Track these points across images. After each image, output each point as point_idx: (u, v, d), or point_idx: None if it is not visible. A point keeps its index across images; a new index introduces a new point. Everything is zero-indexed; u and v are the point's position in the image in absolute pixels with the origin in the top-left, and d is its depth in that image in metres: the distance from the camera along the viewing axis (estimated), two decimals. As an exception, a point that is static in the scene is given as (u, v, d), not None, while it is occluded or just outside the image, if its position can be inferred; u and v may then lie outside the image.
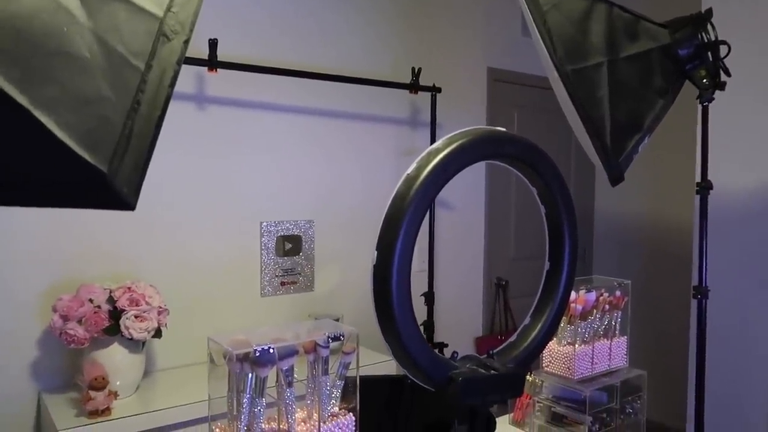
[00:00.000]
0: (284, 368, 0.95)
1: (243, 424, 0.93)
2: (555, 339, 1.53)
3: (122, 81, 0.72)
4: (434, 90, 2.87)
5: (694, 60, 1.51)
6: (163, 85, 0.75)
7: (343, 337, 1.01)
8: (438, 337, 2.96)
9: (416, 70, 2.78)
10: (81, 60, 0.69)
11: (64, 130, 0.65)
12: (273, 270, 2.60)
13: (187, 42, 0.79)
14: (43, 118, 0.64)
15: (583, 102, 1.36)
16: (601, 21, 1.44)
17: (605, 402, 1.52)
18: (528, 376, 1.57)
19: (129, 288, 1.98)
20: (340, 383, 1.04)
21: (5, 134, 0.64)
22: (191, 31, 0.80)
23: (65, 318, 1.87)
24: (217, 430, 0.98)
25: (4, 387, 2.02)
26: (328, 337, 1.00)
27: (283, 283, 2.63)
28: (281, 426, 0.97)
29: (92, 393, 1.82)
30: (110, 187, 0.67)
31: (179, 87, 2.30)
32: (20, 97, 0.63)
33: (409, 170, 1.01)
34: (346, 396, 1.05)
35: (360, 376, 1.05)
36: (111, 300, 1.95)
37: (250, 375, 0.92)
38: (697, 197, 1.65)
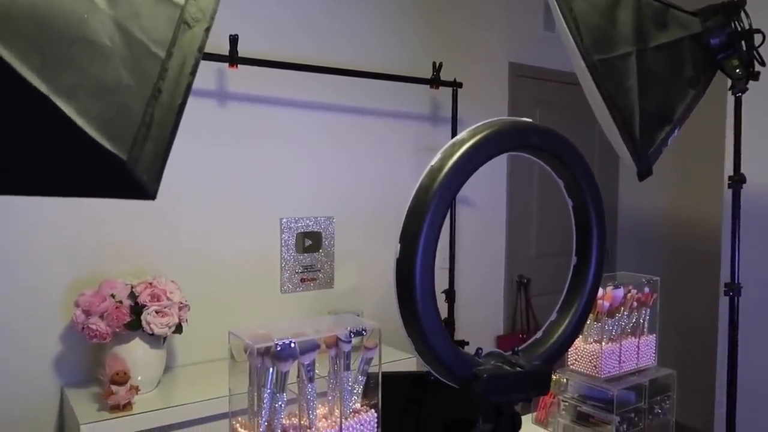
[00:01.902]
0: (305, 363, 0.94)
1: (263, 419, 0.92)
2: (581, 337, 1.50)
3: (143, 69, 0.71)
4: (455, 85, 2.84)
5: (726, 49, 1.46)
6: (184, 73, 0.74)
7: (365, 332, 0.99)
8: (459, 336, 2.93)
9: (437, 65, 2.75)
10: (101, 47, 0.68)
11: (84, 117, 0.64)
12: (293, 267, 2.59)
13: (208, 30, 0.78)
14: (63, 106, 0.63)
15: (610, 93, 1.32)
16: (630, 10, 1.40)
17: (633, 402, 1.48)
18: (552, 375, 1.54)
19: (150, 283, 1.99)
20: (362, 379, 1.02)
21: (25, 122, 0.63)
22: (212, 18, 0.79)
23: (87, 313, 1.88)
24: (238, 425, 0.97)
25: (28, 382, 2.04)
26: (350, 331, 0.98)
27: (303, 280, 2.62)
28: (302, 422, 0.95)
29: (114, 388, 1.83)
30: (130, 175, 0.66)
31: (200, 83, 2.32)
32: (40, 84, 0.62)
33: (433, 162, 0.99)
34: (367, 392, 1.03)
35: (382, 373, 1.03)
36: (132, 295, 1.96)
37: (271, 369, 0.91)
38: (729, 191, 1.60)
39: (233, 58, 2.18)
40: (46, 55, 0.62)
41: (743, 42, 1.47)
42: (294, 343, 0.91)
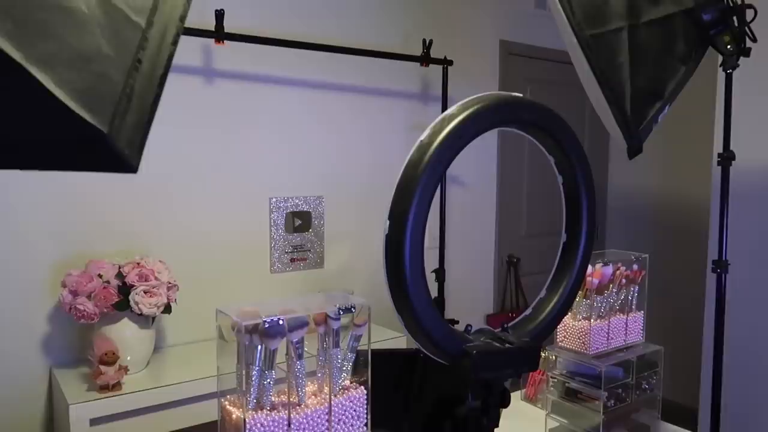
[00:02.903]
0: (294, 340, 0.93)
1: (252, 396, 0.91)
2: (570, 314, 1.50)
3: (123, 38, 0.68)
4: (446, 63, 2.81)
5: (718, 25, 1.45)
6: (165, 42, 0.71)
7: (354, 309, 0.99)
8: (449, 315, 2.94)
9: (427, 42, 2.72)
10: (78, 15, 0.65)
11: (62, 88, 0.62)
12: (283, 246, 2.58)
13: (190, -2, 0.75)
14: (40, 76, 0.61)
15: (602, 68, 1.31)
16: (622, -16, 1.38)
17: (621, 377, 1.49)
18: (542, 352, 1.55)
19: (138, 263, 1.97)
20: (351, 356, 1.01)
21: (1, 93, 0.61)
22: (194, -14, 0.76)
23: (75, 293, 1.86)
24: (227, 403, 0.97)
25: (16, 362, 2.02)
26: (339, 309, 0.97)
27: (293, 260, 2.61)
28: (291, 399, 0.95)
29: (103, 368, 1.82)
30: (111, 147, 0.64)
31: (186, 60, 2.28)
32: (14, 52, 0.59)
33: (423, 137, 0.97)
34: (357, 369, 1.03)
35: (372, 350, 1.02)
36: (120, 275, 1.94)
37: (259, 347, 0.90)
38: (718, 168, 1.60)
39: (219, 34, 2.14)
40: (19, 21, 0.60)
41: (735, 17, 1.46)
42: (282, 320, 0.90)
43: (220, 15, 2.13)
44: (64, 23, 0.64)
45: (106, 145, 0.63)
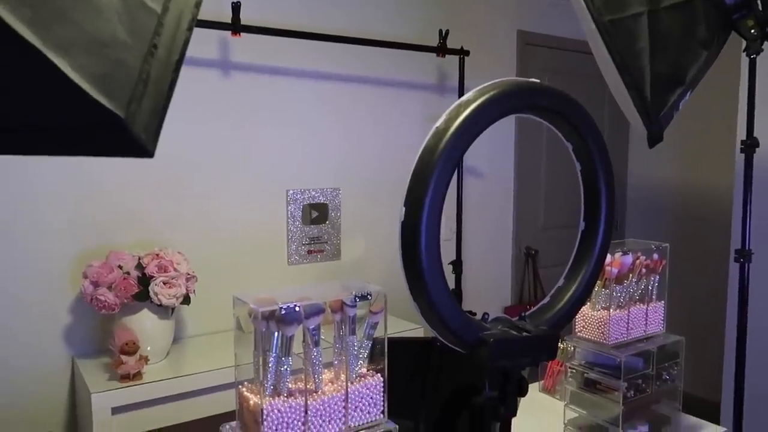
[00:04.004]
0: (311, 327, 0.93)
1: (269, 383, 0.92)
2: (589, 304, 1.49)
3: (138, 24, 0.69)
4: (462, 53, 2.79)
5: (741, 9, 1.42)
6: (180, 28, 0.72)
7: (370, 296, 0.98)
8: (466, 306, 2.93)
9: (443, 33, 2.70)
10: (95, 1, 0.66)
11: (79, 73, 0.62)
12: (300, 238, 2.59)
13: (205, -16, 0.75)
14: (57, 60, 0.61)
15: (621, 54, 1.28)
16: (642, -32, 1.35)
17: (641, 368, 1.47)
18: (560, 342, 1.53)
19: (157, 255, 1.99)
20: (367, 344, 1.01)
21: (17, 77, 0.62)
22: (209, -28, 0.76)
23: (95, 284, 1.89)
24: (244, 389, 0.97)
25: (39, 353, 2.06)
26: (356, 296, 0.97)
27: (310, 252, 2.62)
28: (308, 385, 0.95)
29: (124, 357, 1.85)
30: (128, 132, 0.64)
31: (203, 53, 2.29)
32: (32, 37, 0.60)
33: (439, 123, 0.97)
34: (373, 357, 1.03)
35: (388, 337, 1.02)
36: (140, 266, 1.96)
37: (276, 334, 0.90)
38: (742, 156, 1.57)
39: (236, 26, 2.14)
40: (38, 7, 0.60)
41: (760, 1, 1.43)
42: (299, 306, 0.90)
43: (236, 7, 2.13)
44: (82, 9, 0.65)
45: (122, 129, 0.63)
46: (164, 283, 1.94)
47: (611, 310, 1.45)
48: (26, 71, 0.62)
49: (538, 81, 1.06)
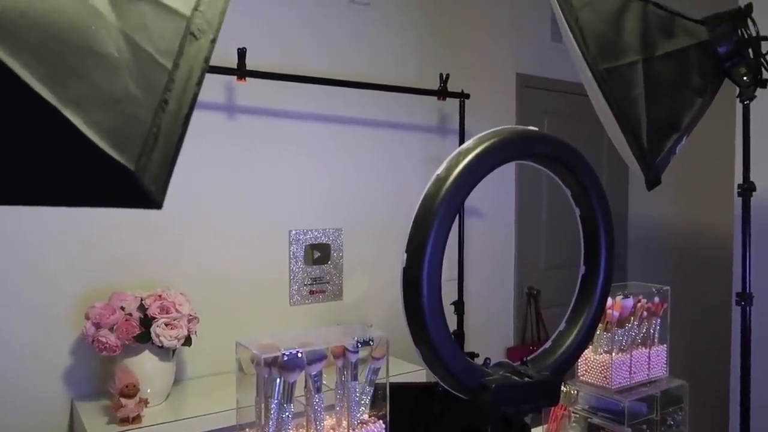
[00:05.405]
0: (313, 373, 0.93)
1: (271, 429, 0.92)
2: (591, 347, 1.48)
3: (150, 79, 0.71)
4: (462, 96, 2.84)
5: (733, 57, 1.46)
6: (190, 83, 0.74)
7: (372, 341, 0.99)
8: (468, 347, 2.91)
9: (444, 77, 2.76)
10: (109, 58, 0.68)
11: (92, 128, 0.65)
12: (302, 279, 2.59)
13: (214, 41, 0.78)
14: (71, 116, 0.64)
15: (618, 101, 1.32)
16: (636, 19, 1.40)
17: (645, 413, 1.46)
18: (563, 386, 1.52)
19: (160, 296, 1.99)
20: (369, 389, 1.01)
21: (33, 133, 0.64)
22: (218, 30, 0.80)
23: (98, 325, 1.89)
24: (246, 436, 0.97)
25: (38, 394, 2.04)
26: (358, 341, 0.97)
27: (311, 292, 2.62)
28: (310, 432, 0.95)
29: (123, 400, 1.83)
30: (138, 185, 0.66)
31: (208, 96, 2.34)
32: (48, 95, 0.62)
33: (439, 171, 0.99)
34: (375, 403, 1.02)
35: (390, 383, 1.02)
36: (142, 308, 1.96)
37: (278, 380, 0.91)
38: (739, 200, 1.59)
39: (241, 72, 2.20)
40: (54, 65, 0.63)
41: (750, 50, 1.47)
42: (301, 353, 0.91)
43: (242, 53, 2.19)
44: (96, 66, 0.67)
45: (133, 182, 0.65)
46: (166, 325, 1.94)
47: (614, 354, 1.44)
48: (40, 126, 0.64)
49: (536, 129, 1.08)
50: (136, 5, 0.71)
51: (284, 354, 0.89)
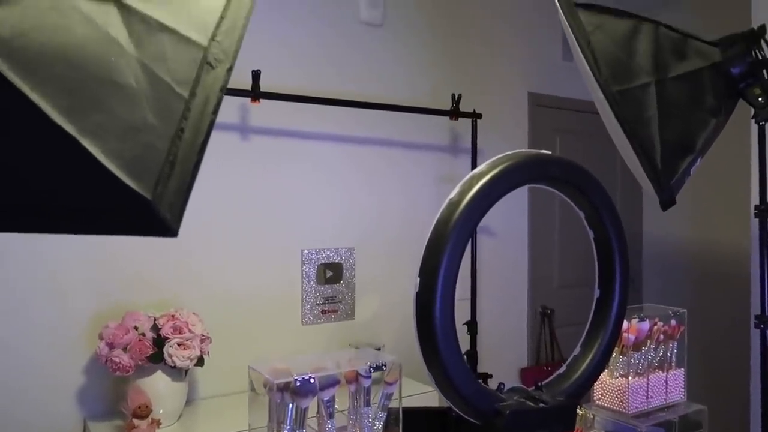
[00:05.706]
0: (325, 399, 0.93)
1: (284, 455, 0.91)
2: (606, 371, 1.46)
3: (167, 109, 0.73)
4: (474, 116, 2.85)
5: (747, 78, 1.45)
6: (206, 112, 0.76)
7: (385, 366, 0.99)
8: (482, 368, 2.88)
9: (456, 97, 2.77)
10: (128, 89, 0.70)
11: (110, 157, 0.66)
12: (314, 298, 2.59)
13: (230, 70, 0.80)
14: (90, 147, 0.65)
15: (630, 122, 1.31)
16: (648, 41, 1.40)
17: (663, 438, 1.43)
18: (579, 410, 1.50)
19: (173, 316, 2.00)
20: (382, 415, 1.01)
21: (53, 163, 0.65)
22: (234, 59, 0.81)
23: (111, 345, 1.90)
24: (258, 461, 0.96)
25: (51, 414, 2.05)
26: (370, 366, 0.97)
27: (324, 312, 2.62)
28: (323, 458, 0.94)
29: (136, 421, 1.83)
30: (155, 213, 0.67)
31: (223, 118, 2.36)
32: (68, 125, 0.64)
33: (452, 195, 0.99)
34: (388, 428, 1.02)
35: (402, 408, 1.01)
36: (155, 328, 1.97)
37: (290, 405, 0.91)
38: (756, 220, 1.57)
39: (255, 93, 2.22)
40: (75, 97, 0.64)
41: (765, 71, 1.46)
42: (314, 378, 0.90)
43: (256, 75, 2.22)
44: (115, 96, 0.69)
45: (149, 211, 0.66)
46: (179, 345, 1.94)
47: (630, 378, 1.42)
48: (59, 155, 0.65)
49: (548, 152, 1.08)
50: (155, 36, 0.73)
51: (297, 379, 0.89)
